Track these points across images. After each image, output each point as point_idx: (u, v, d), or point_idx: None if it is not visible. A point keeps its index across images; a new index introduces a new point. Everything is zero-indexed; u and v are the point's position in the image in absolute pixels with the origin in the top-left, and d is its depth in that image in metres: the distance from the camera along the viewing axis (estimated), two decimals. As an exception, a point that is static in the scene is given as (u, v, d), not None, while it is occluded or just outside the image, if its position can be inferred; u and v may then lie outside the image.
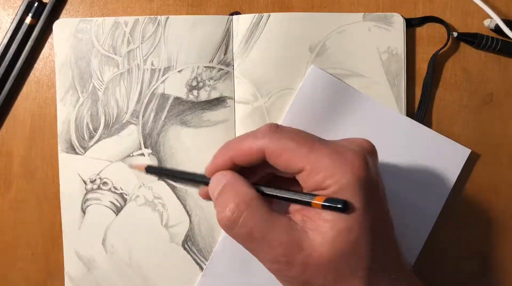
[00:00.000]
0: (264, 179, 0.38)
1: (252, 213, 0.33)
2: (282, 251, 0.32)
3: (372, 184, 0.32)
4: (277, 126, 0.35)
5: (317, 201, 0.31)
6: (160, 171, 0.44)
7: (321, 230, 0.32)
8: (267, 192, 0.35)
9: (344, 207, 0.30)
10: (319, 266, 0.32)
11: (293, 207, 0.35)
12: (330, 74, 0.48)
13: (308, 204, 0.32)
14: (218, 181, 0.36)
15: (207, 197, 0.39)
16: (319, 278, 0.32)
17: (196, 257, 0.48)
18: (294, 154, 0.33)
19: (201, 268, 0.48)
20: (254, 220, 0.33)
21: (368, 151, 0.34)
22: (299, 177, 0.34)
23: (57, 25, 0.48)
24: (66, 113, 0.49)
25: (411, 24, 0.49)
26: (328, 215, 0.31)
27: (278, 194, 0.34)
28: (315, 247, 0.32)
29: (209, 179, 0.37)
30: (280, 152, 0.33)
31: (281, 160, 0.33)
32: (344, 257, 0.32)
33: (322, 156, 0.32)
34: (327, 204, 0.31)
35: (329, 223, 0.31)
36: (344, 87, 0.48)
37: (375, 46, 0.48)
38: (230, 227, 0.33)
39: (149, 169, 0.42)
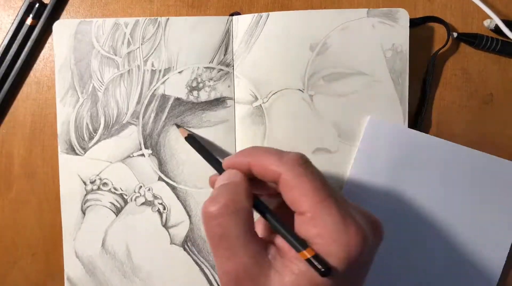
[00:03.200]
0: (272, 191, 0.37)
1: (235, 220, 0.32)
2: (239, 271, 0.32)
3: (358, 267, 0.32)
4: (305, 161, 0.34)
5: (306, 253, 0.30)
6: (197, 145, 0.44)
7: (285, 277, 0.31)
8: (262, 210, 0.34)
9: (326, 272, 0.29)
10: None
11: (277, 236, 0.34)
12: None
13: (296, 249, 0.31)
14: (228, 176, 0.36)
15: (213, 185, 0.39)
16: None
17: (196, 258, 0.48)
18: (304, 197, 0.32)
19: (201, 269, 0.48)
20: (232, 227, 0.32)
21: (374, 229, 0.33)
22: (296, 216, 0.33)
23: (57, 26, 0.48)
24: (66, 114, 0.48)
25: (411, 24, 0.49)
26: (299, 268, 0.31)
27: (271, 220, 0.34)
28: None
29: (220, 166, 0.38)
30: (292, 187, 0.33)
31: (290, 194, 0.33)
32: None
33: (328, 214, 0.31)
34: (314, 261, 0.30)
35: (295, 276, 0.31)
36: (406, 132, 0.48)
37: (379, 43, 0.48)
38: (208, 219, 0.33)
39: (189, 139, 0.44)
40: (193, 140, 0.44)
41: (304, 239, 0.32)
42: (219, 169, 0.39)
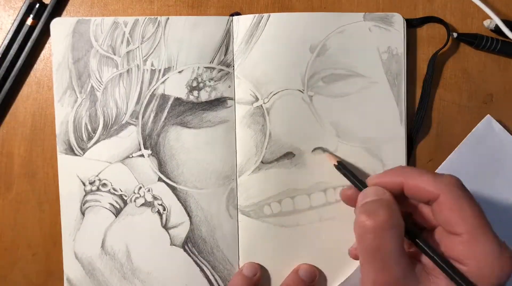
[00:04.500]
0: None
1: (392, 235, 0.34)
2: (391, 283, 0.33)
3: None
4: (462, 185, 0.35)
5: None
6: (347, 171, 0.45)
7: None
8: (417, 241, 0.36)
9: None
10: None
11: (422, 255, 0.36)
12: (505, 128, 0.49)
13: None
14: (377, 192, 0.37)
15: (346, 199, 0.43)
16: None
17: (196, 259, 0.48)
18: (463, 219, 0.33)
19: (202, 270, 0.48)
20: (388, 242, 0.34)
21: None
22: (447, 235, 0.35)
23: (54, 24, 0.48)
24: (64, 114, 0.48)
25: (411, 25, 0.49)
26: (447, 284, 0.33)
27: (427, 249, 0.35)
28: None
29: (363, 186, 0.40)
30: (451, 209, 0.34)
31: (446, 214, 0.34)
32: None
33: (486, 240, 0.33)
34: None
35: None
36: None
37: (376, 46, 0.48)
38: (365, 233, 0.34)
39: (339, 165, 0.45)
40: (343, 166, 0.45)
41: (456, 258, 0.33)
42: (358, 184, 0.41)
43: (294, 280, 0.46)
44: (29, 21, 0.48)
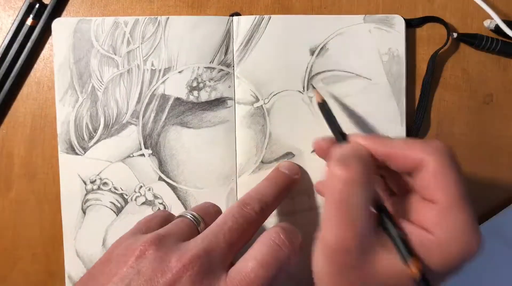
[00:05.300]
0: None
1: (364, 190, 0.32)
2: (355, 241, 0.31)
3: (459, 270, 0.32)
4: (453, 152, 0.33)
5: (412, 267, 0.31)
6: (327, 113, 0.42)
7: (391, 253, 0.32)
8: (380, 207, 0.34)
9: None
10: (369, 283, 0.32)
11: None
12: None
13: (403, 259, 0.31)
14: (357, 148, 0.35)
15: (319, 149, 0.39)
16: None
17: (196, 258, 0.48)
18: (444, 188, 0.32)
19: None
20: (359, 196, 0.32)
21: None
22: (420, 202, 0.34)
23: (55, 24, 0.48)
24: (66, 114, 0.48)
25: (411, 25, 0.49)
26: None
27: (387, 221, 0.33)
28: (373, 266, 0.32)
29: (343, 137, 0.38)
30: (438, 173, 0.32)
31: (430, 179, 0.32)
32: None
33: (462, 212, 0.31)
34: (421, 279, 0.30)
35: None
36: None
37: (376, 48, 0.48)
38: (336, 184, 0.32)
39: (321, 105, 0.43)
40: (327, 108, 0.42)
41: (424, 225, 0.32)
42: (337, 134, 0.39)
43: (277, 174, 0.45)
44: (29, 21, 0.48)
